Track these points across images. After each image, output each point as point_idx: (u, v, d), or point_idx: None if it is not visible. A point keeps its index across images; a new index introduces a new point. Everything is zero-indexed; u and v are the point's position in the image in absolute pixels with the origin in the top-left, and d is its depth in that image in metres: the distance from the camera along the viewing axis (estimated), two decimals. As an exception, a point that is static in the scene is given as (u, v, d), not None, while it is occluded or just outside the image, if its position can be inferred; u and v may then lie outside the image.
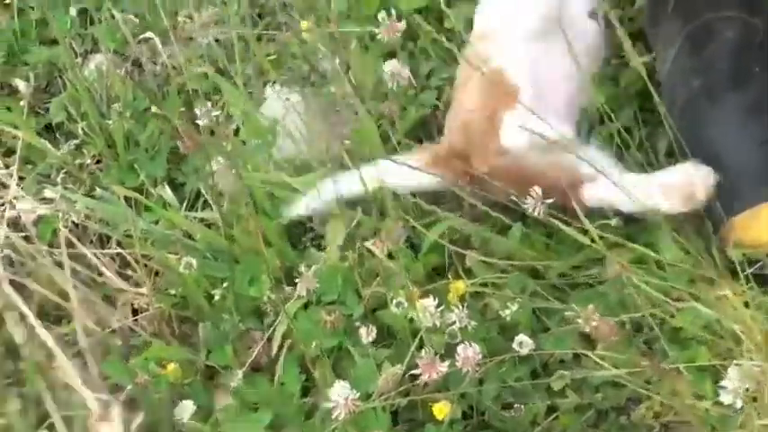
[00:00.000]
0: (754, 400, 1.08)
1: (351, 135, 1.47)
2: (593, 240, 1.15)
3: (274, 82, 1.59)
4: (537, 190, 1.14)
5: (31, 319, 1.23)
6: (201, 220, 1.46)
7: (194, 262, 1.32)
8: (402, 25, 1.36)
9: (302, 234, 1.43)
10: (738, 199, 1.23)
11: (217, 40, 1.67)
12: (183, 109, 1.60)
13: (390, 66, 1.38)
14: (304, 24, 1.58)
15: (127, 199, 1.45)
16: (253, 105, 1.52)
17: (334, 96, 1.51)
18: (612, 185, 1.22)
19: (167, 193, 1.49)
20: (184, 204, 1.52)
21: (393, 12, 1.36)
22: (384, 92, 1.46)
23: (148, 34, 1.68)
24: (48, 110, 1.70)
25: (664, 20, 1.38)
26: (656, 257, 1.23)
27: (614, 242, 1.20)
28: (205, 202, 1.51)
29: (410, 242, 1.35)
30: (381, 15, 1.36)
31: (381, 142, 1.42)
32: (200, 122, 1.40)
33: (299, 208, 1.37)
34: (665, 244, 1.26)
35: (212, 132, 1.50)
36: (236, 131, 1.53)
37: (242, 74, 1.57)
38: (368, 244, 1.27)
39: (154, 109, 1.59)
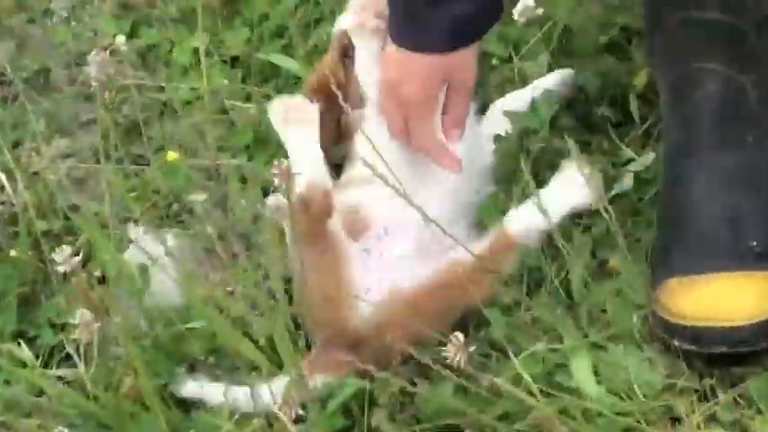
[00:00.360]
0: None
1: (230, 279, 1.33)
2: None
3: (136, 221, 1.44)
4: (458, 336, 1.03)
5: None
6: (59, 378, 1.29)
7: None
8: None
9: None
10: (692, 262, 1.17)
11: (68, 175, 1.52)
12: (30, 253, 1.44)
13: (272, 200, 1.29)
14: (171, 155, 1.44)
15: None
16: (117, 248, 1.36)
17: (210, 237, 1.38)
18: (525, 212, 1.26)
19: (22, 349, 1.31)
20: (39, 361, 1.33)
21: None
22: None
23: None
24: None
25: (655, 62, 1.31)
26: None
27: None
28: (63, 358, 1.34)
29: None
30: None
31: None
32: (59, 269, 1.25)
33: (191, 388, 1.23)
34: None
35: (65, 277, 1.35)
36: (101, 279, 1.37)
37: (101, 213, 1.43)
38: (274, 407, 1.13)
39: (-2, 253, 1.43)
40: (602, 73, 1.44)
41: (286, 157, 1.34)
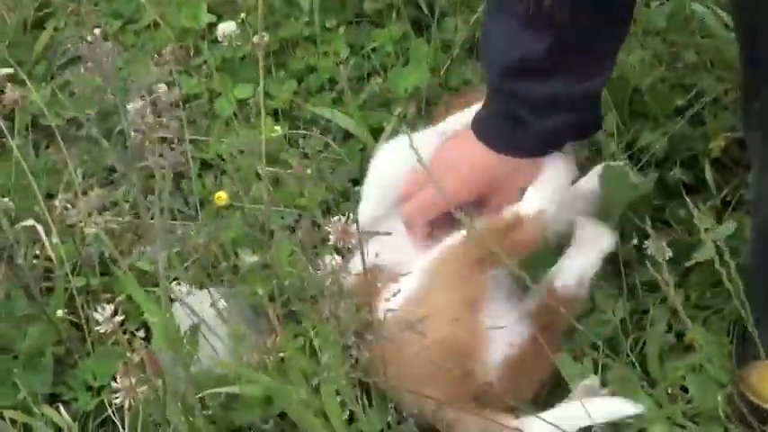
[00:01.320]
0: None
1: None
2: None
3: (178, 280, 1.36)
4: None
5: None
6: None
7: None
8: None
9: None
10: None
11: (106, 229, 1.43)
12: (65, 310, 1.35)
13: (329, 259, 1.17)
14: (220, 196, 1.37)
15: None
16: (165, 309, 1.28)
17: (258, 298, 1.29)
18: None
19: (62, 413, 1.22)
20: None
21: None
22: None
23: (28, 222, 1.41)
24: None
25: (750, 125, 1.22)
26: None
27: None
28: (100, 424, 1.26)
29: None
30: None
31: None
32: (99, 329, 1.17)
33: None
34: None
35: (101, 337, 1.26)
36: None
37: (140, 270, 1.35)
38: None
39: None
40: (672, 136, 1.38)
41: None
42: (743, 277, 1.20)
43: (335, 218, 1.16)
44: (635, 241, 1.27)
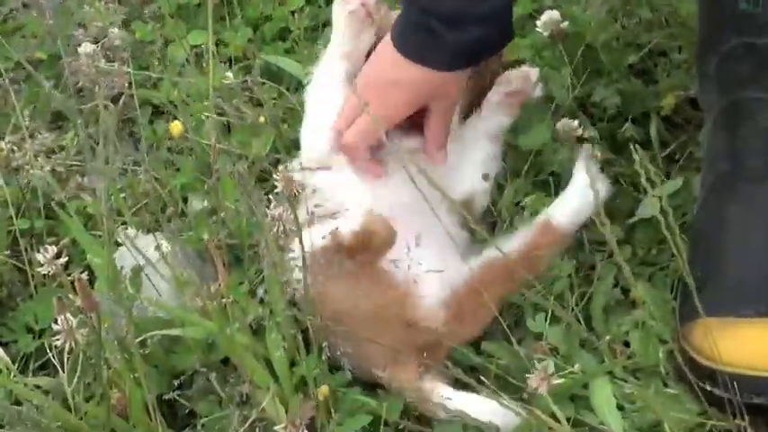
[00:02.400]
0: None
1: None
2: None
3: (125, 224, 1.35)
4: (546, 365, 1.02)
5: None
6: (37, 386, 1.18)
7: (45, 445, 1.04)
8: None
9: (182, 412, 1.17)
10: (731, 303, 1.10)
11: (53, 171, 1.41)
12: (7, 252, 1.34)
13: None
14: (175, 126, 1.35)
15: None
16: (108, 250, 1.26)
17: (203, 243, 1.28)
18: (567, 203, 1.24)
19: (1, 354, 1.20)
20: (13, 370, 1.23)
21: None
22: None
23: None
24: None
25: (705, 82, 1.24)
26: None
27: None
28: (38, 367, 1.25)
29: None
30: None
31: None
32: (41, 270, 1.16)
33: None
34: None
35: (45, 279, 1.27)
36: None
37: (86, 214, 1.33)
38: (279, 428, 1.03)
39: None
40: (624, 93, 1.38)
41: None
42: (689, 235, 1.20)
43: (282, 166, 1.16)
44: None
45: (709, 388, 1.08)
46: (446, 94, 1.22)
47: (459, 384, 1.11)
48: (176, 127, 1.33)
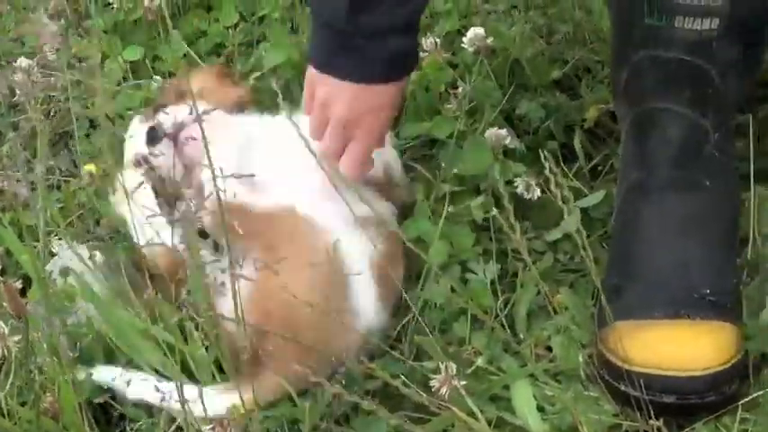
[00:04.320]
0: None
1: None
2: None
3: (57, 234, 1.36)
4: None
5: None
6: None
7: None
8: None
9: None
10: (643, 306, 1.14)
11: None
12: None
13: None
14: (89, 167, 1.37)
15: None
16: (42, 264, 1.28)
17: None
18: None
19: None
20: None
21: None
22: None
23: None
24: None
25: (618, 94, 1.28)
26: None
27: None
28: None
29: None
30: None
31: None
32: (-25, 281, 1.18)
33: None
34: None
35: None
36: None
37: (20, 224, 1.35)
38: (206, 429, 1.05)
39: None
40: (548, 106, 1.42)
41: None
42: (610, 245, 1.25)
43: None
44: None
45: (623, 388, 1.11)
46: (380, 110, 1.23)
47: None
48: (90, 167, 1.35)
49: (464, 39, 1.42)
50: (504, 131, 1.34)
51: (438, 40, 1.44)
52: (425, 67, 1.44)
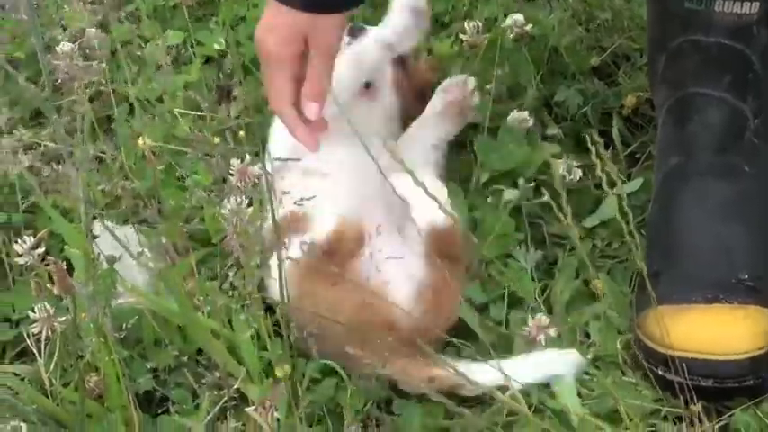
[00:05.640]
0: None
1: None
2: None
3: (96, 216, 1.38)
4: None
5: None
6: (15, 375, 1.21)
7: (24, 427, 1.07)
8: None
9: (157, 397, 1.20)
10: (682, 291, 1.15)
11: (31, 167, 1.44)
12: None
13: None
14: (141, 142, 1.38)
15: None
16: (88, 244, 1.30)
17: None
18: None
19: (-23, 342, 1.24)
20: (-9, 356, 1.27)
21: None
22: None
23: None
24: None
25: (656, 80, 1.28)
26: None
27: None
28: (18, 355, 1.27)
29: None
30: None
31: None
32: (19, 260, 1.20)
33: None
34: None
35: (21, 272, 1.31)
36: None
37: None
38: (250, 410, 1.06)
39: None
40: (586, 93, 1.42)
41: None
42: (647, 231, 1.25)
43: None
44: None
45: (661, 373, 1.12)
46: (320, 41, 1.20)
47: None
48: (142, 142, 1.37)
49: (503, 25, 1.43)
50: (525, 113, 1.36)
51: (479, 24, 1.45)
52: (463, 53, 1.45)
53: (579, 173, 1.27)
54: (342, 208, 1.23)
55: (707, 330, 1.12)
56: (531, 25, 1.42)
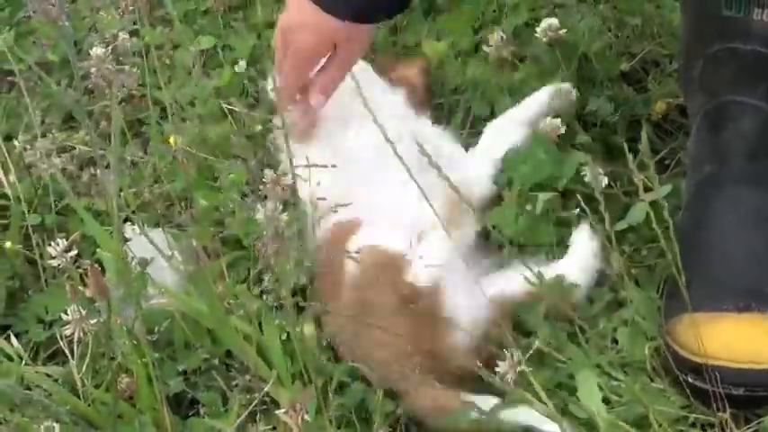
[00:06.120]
0: None
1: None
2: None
3: (128, 220, 1.39)
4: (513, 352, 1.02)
5: None
6: (47, 375, 1.23)
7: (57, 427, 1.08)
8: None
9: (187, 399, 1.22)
10: (713, 298, 1.14)
11: (63, 170, 1.46)
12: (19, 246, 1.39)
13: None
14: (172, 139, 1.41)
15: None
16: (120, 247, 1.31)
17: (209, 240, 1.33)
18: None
19: (13, 342, 1.25)
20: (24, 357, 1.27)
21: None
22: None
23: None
24: None
25: (690, 87, 1.28)
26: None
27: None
28: (48, 357, 1.29)
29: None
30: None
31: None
32: (52, 263, 1.21)
33: None
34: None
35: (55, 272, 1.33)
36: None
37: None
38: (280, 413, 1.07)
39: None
40: (617, 99, 1.42)
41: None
42: (678, 238, 1.25)
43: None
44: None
45: (691, 380, 1.12)
46: (347, 46, 1.31)
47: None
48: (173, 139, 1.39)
49: (536, 29, 1.43)
50: (557, 120, 1.36)
51: (503, 35, 1.47)
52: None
53: (605, 180, 1.27)
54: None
55: (740, 339, 1.12)
56: (564, 30, 1.42)
